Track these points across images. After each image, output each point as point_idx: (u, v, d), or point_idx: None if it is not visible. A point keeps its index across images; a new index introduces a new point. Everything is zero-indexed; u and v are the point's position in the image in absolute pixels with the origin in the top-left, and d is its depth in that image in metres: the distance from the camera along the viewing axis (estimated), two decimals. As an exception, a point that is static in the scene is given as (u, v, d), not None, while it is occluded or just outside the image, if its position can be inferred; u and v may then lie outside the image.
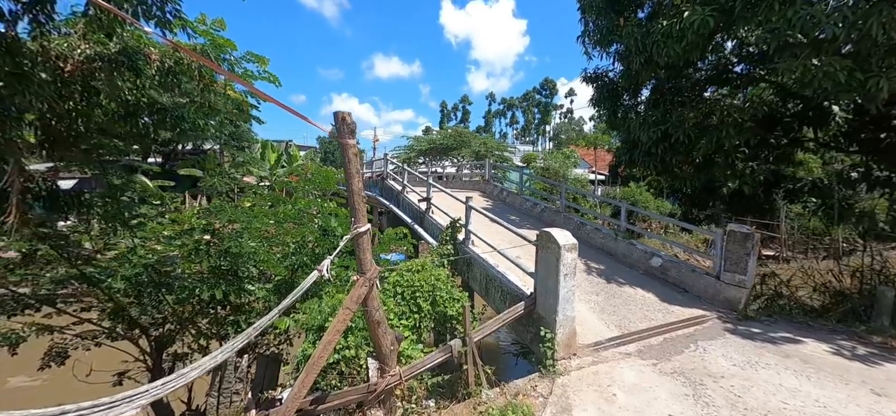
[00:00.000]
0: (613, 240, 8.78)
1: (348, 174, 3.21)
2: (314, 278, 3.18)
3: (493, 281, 5.84)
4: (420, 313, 5.26)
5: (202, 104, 5.06)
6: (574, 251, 4.38)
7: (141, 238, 5.90)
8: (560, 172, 29.65)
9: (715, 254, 6.90)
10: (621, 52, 11.00)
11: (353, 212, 3.27)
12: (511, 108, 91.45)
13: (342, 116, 3.11)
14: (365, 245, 3.34)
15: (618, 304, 6.23)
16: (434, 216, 8.78)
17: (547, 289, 4.52)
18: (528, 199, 12.56)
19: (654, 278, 7.56)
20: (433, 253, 6.88)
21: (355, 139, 3.21)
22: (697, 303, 6.61)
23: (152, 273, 5.88)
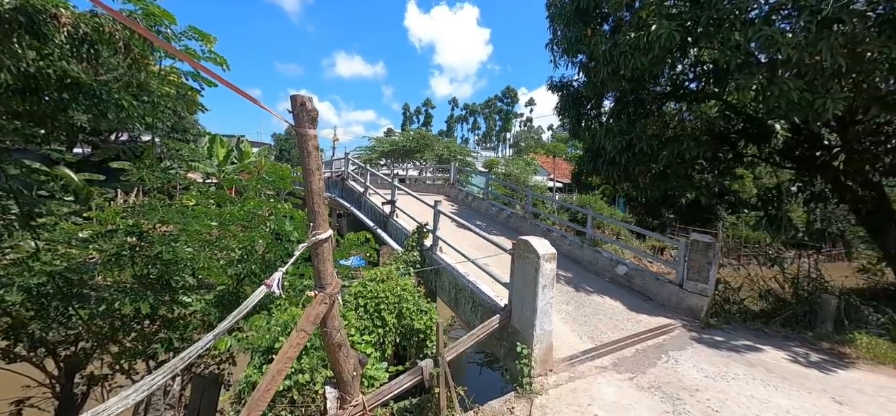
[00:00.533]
0: (579, 247, 8.77)
1: (306, 171, 2.70)
2: (261, 294, 2.63)
3: (464, 291, 5.48)
4: (384, 328, 4.78)
5: (129, 83, 4.25)
6: (553, 261, 4.13)
7: (47, 240, 4.92)
8: (521, 179, 30.16)
9: (678, 263, 7.02)
10: (587, 63, 11.22)
11: (312, 215, 2.77)
12: (473, 114, 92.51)
13: (301, 99, 2.60)
14: (326, 255, 2.83)
15: (588, 313, 6.11)
16: (399, 221, 8.30)
17: (523, 301, 4.22)
18: (494, 204, 12.41)
19: (620, 286, 7.58)
20: (398, 260, 6.40)
21: (316, 130, 2.72)
22: (663, 311, 6.66)
23: (60, 283, 4.91)
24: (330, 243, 2.86)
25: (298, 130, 2.64)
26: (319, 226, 2.77)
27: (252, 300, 2.61)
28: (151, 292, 4.88)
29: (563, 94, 12.13)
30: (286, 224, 4.79)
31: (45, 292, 4.84)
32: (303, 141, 2.66)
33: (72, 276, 4.96)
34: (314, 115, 2.68)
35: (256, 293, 2.64)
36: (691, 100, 10.93)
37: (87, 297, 4.99)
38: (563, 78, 12.39)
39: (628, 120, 9.40)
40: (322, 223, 2.78)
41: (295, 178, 8.00)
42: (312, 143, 2.68)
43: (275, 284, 2.65)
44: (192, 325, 5.45)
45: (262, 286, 2.66)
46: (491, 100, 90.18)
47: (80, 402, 6.16)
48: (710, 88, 10.42)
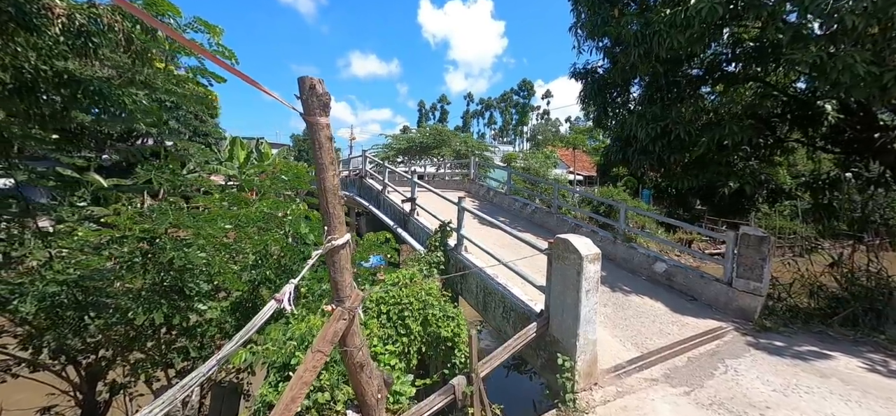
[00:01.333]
0: (612, 243, 8.19)
1: (319, 165, 2.33)
2: (271, 310, 2.28)
3: (493, 295, 5.05)
4: (409, 336, 4.41)
5: (132, 80, 4.00)
6: (598, 263, 3.65)
7: (61, 248, 4.77)
8: (540, 172, 29.40)
9: (726, 260, 6.39)
10: (612, 47, 10.55)
11: (326, 217, 2.39)
12: (489, 108, 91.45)
13: (310, 82, 2.22)
14: (343, 263, 2.46)
15: (629, 316, 5.59)
16: (419, 219, 7.93)
17: (564, 307, 3.77)
18: (517, 199, 11.89)
19: (659, 285, 7.00)
20: (420, 261, 6.02)
21: (328, 117, 2.34)
22: (709, 312, 6.07)
23: (75, 292, 4.75)
24: (348, 249, 2.49)
25: (308, 118, 2.27)
26: (335, 229, 2.40)
27: (261, 318, 2.26)
28: (166, 300, 4.66)
29: (588, 81, 11.50)
30: (302, 226, 4.48)
31: (59, 301, 4.68)
32: (314, 131, 2.28)
33: (87, 284, 4.79)
34: (326, 99, 2.29)
35: (266, 309, 2.29)
36: (728, 83, 10.15)
37: (102, 305, 4.81)
38: (587, 64, 11.77)
39: (663, 105, 8.73)
40: (338, 226, 2.41)
41: (312, 177, 7.74)
42: (324, 132, 2.30)
43: (285, 298, 2.29)
44: (209, 333, 5.22)
45: (271, 301, 2.31)
46: (506, 93, 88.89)
47: (103, 410, 6.07)
48: (751, 69, 9.63)
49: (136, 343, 4.88)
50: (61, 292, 4.64)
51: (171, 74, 5.98)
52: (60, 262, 4.66)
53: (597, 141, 52.71)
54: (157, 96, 4.48)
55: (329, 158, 2.36)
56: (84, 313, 4.78)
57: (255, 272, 4.51)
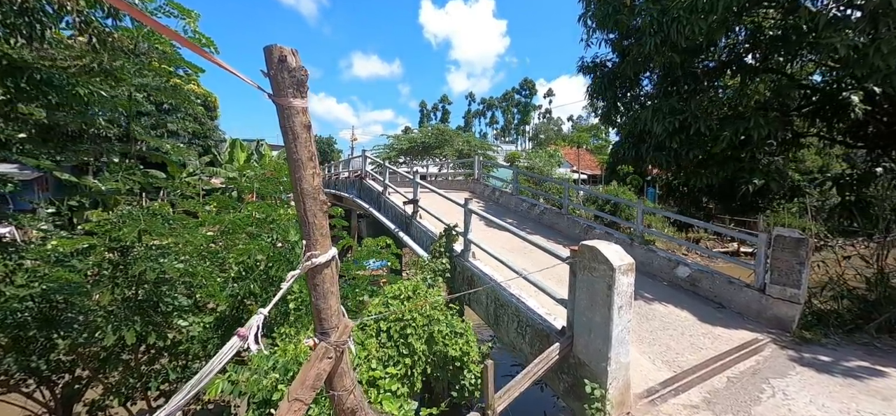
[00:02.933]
0: (628, 245, 7.65)
1: (293, 161, 1.82)
2: (232, 350, 1.78)
3: (506, 308, 4.53)
4: (413, 357, 3.90)
5: (91, 69, 3.50)
6: (631, 275, 3.13)
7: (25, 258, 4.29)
8: (544, 171, 28.84)
9: (757, 264, 5.85)
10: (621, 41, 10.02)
11: (305, 228, 1.88)
12: (491, 108, 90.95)
13: (279, 53, 1.71)
14: (327, 286, 1.95)
15: (655, 328, 5.06)
16: (423, 222, 7.41)
17: (592, 326, 3.24)
18: (524, 199, 11.36)
19: (683, 291, 6.46)
20: (424, 269, 5.51)
21: (305, 98, 1.83)
22: (741, 322, 5.53)
23: (41, 307, 4.27)
24: (333, 269, 1.98)
25: (277, 100, 1.76)
26: (316, 243, 1.89)
27: (220, 359, 1.76)
28: (139, 316, 4.16)
29: (597, 74, 10.97)
30: (291, 232, 3.98)
31: (22, 319, 4.19)
32: (286, 117, 1.77)
33: (53, 299, 4.31)
34: (301, 76, 1.78)
35: (227, 348, 1.79)
36: (746, 74, 9.60)
37: (71, 322, 4.32)
38: (595, 57, 11.24)
39: (680, 98, 8.19)
40: (320, 239, 1.90)
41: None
42: (300, 119, 1.79)
43: (251, 335, 1.79)
44: (192, 352, 4.71)
45: (234, 338, 1.81)
46: (508, 92, 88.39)
47: (80, 433, 5.58)
48: (773, 59, 9.08)
49: (107, 364, 4.39)
50: (23, 308, 4.15)
51: (167, 74, 5.51)
52: (24, 275, 4.17)
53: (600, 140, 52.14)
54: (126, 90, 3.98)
55: (307, 152, 1.85)
56: (51, 331, 4.29)
57: (236, 286, 4.01)
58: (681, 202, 17.64)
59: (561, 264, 3.72)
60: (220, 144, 36.33)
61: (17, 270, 4.29)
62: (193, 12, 3.98)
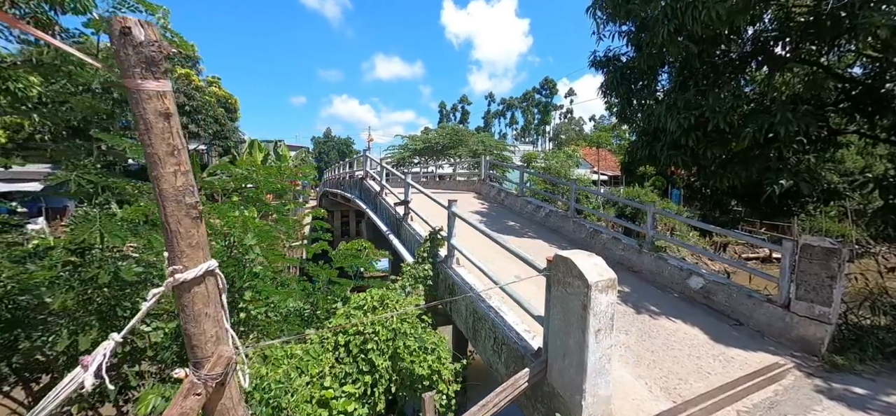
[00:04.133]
0: (637, 252, 7.05)
1: (149, 159, 1.49)
2: (72, 383, 1.47)
3: (483, 321, 4.11)
4: (374, 375, 3.54)
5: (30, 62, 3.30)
6: (612, 292, 2.65)
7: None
8: (561, 172, 27.98)
9: (782, 276, 5.18)
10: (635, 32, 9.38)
11: (168, 238, 1.55)
12: (510, 108, 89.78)
13: (122, 24, 1.38)
14: (200, 306, 1.61)
15: (657, 348, 4.51)
16: (413, 225, 7.05)
17: (566, 350, 2.79)
18: (531, 201, 10.83)
19: (696, 305, 5.83)
20: (405, 275, 5.14)
21: (164, 80, 1.49)
22: (760, 342, 4.90)
23: (8, 307, 4.16)
24: (207, 287, 1.63)
25: (126, 82, 1.43)
26: (181, 255, 1.55)
27: (54, 395, 1.46)
28: (99, 321, 3.98)
29: (609, 70, 10.34)
30: (248, 236, 3.70)
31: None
32: (136, 103, 1.44)
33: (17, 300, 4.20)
34: (155, 54, 1.45)
35: (65, 382, 1.48)
36: (774, 66, 8.77)
37: (34, 324, 4.19)
38: (608, 51, 10.62)
39: (697, 92, 7.51)
40: (187, 251, 1.55)
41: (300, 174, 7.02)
42: (154, 105, 1.45)
43: (93, 365, 1.48)
44: (160, 358, 4.51)
45: (77, 368, 1.50)
46: (528, 92, 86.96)
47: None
48: (805, 48, 8.24)
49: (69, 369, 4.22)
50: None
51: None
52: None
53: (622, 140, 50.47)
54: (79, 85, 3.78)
55: (166, 145, 1.51)
56: (14, 331, 4.18)
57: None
58: (705, 205, 16.62)
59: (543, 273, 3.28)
60: (240, 144, 37.27)
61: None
62: (162, 8, 3.77)
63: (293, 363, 3.42)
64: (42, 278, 3.99)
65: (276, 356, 3.53)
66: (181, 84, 30.74)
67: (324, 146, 64.73)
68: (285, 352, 3.51)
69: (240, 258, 3.66)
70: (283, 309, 4.50)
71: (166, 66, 1.49)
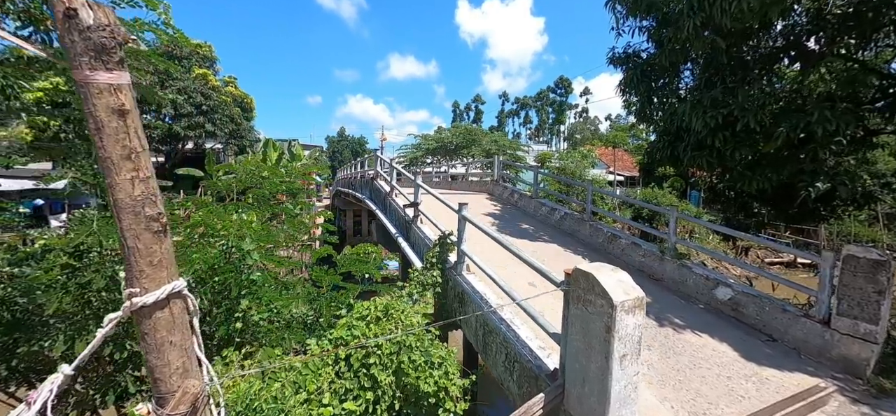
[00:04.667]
0: (658, 259, 6.66)
1: (103, 163, 1.27)
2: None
3: (494, 335, 3.84)
4: (376, 391, 3.31)
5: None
6: (640, 313, 2.36)
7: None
8: (577, 173, 27.40)
9: (821, 289, 4.76)
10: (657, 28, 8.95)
11: (125, 255, 1.34)
12: (524, 107, 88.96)
13: (66, 6, 1.17)
14: (163, 334, 1.40)
15: (683, 366, 4.17)
16: (423, 228, 6.82)
17: (586, 376, 2.51)
18: (545, 203, 10.48)
19: (723, 318, 5.44)
20: (412, 282, 4.91)
21: (120, 71, 1.28)
22: (797, 361, 4.50)
23: (2, 311, 4.09)
24: (173, 312, 1.42)
25: (73, 73, 1.22)
26: (140, 275, 1.33)
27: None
28: (96, 325, 3.86)
29: (629, 66, 9.92)
30: (246, 241, 3.52)
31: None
32: (85, 98, 1.23)
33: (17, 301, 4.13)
34: (103, 39, 1.23)
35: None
36: (807, 61, 8.23)
37: (33, 327, 4.11)
38: (627, 48, 10.19)
39: (725, 89, 7.07)
40: (147, 271, 1.34)
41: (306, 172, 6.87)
42: (106, 102, 1.23)
43: (39, 401, 1.28)
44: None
45: (21, 405, 1.30)
46: (543, 91, 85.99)
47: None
48: (842, 42, 7.69)
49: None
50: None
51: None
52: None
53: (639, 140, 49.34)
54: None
55: (121, 148, 1.30)
56: (13, 335, 4.10)
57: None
58: (728, 208, 15.95)
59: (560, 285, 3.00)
60: (256, 143, 37.72)
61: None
62: (163, 2, 3.63)
63: (291, 376, 3.22)
64: (38, 281, 3.91)
65: (273, 368, 3.34)
66: (198, 84, 31.29)
67: (338, 145, 65.13)
68: (283, 365, 3.31)
69: (237, 264, 3.47)
70: (286, 315, 4.32)
71: (121, 55, 1.28)
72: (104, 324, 1.37)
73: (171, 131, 29.64)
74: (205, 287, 3.51)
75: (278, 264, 4.31)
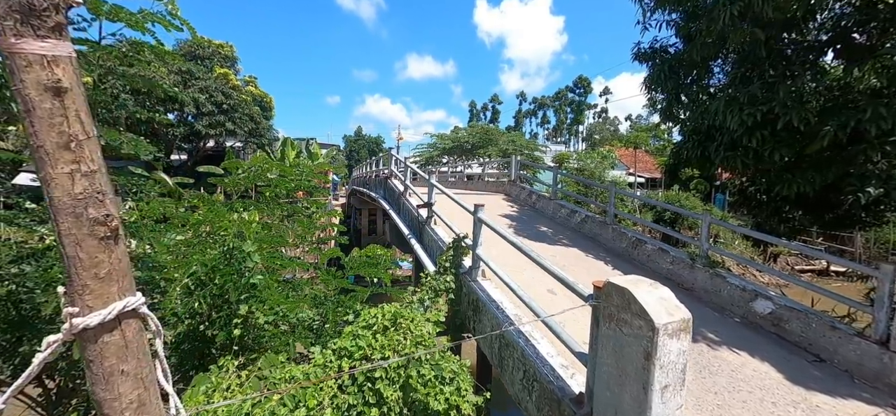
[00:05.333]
0: (689, 267, 6.21)
1: (34, 150, 1.04)
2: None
3: (511, 349, 3.53)
4: (382, 407, 3.05)
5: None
6: (685, 336, 2.02)
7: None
8: (596, 174, 26.67)
9: (878, 305, 4.26)
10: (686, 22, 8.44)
11: (67, 268, 1.10)
12: (542, 107, 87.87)
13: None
14: (114, 362, 1.16)
15: (720, 387, 3.77)
16: (436, 230, 6.54)
17: (618, 406, 2.18)
18: (564, 204, 10.06)
19: (762, 333, 4.98)
20: (423, 286, 4.64)
21: (60, 39, 1.03)
22: (849, 386, 4.04)
23: (7, 309, 4.01)
24: (129, 333, 1.17)
25: (0, 44, 0.98)
26: (83, 291, 1.09)
27: None
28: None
29: (656, 62, 9.43)
30: (247, 242, 3.33)
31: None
32: (11, 73, 1.00)
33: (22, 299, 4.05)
34: (43, 6, 1.00)
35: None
36: (853, 55, 7.59)
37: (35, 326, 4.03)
38: (654, 43, 9.71)
39: (764, 85, 6.55)
40: (91, 285, 1.10)
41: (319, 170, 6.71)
42: (36, 76, 1.00)
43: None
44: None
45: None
46: (561, 91, 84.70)
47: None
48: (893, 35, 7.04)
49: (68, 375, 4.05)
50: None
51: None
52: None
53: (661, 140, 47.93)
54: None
55: (57, 135, 1.06)
56: (14, 334, 4.03)
57: (180, 303, 3.42)
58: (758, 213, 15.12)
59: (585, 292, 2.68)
60: (274, 142, 38.28)
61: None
62: None
63: (291, 388, 2.99)
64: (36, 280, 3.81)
65: (274, 378, 3.13)
66: (220, 83, 31.90)
67: (354, 144, 65.63)
68: (283, 375, 3.09)
69: (237, 267, 3.27)
70: (292, 318, 4.12)
71: (59, 20, 1.04)
72: (42, 348, 1.14)
73: (194, 130, 30.31)
74: (204, 290, 3.33)
75: (283, 265, 4.11)
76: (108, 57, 3.86)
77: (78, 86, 1.09)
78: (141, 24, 3.73)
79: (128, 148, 3.45)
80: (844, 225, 13.15)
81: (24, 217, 4.50)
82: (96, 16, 3.50)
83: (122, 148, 3.43)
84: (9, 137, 15.44)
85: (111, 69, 3.78)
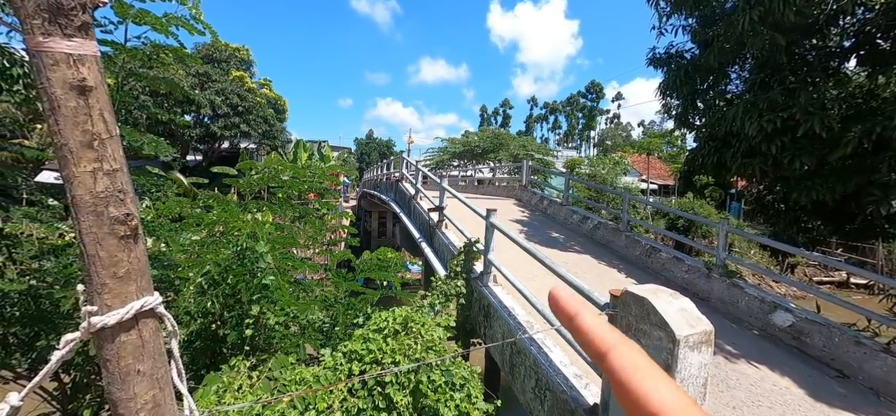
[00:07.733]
0: (705, 276, 6.07)
1: (58, 148, 1.04)
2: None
3: (523, 356, 3.48)
4: (391, 412, 3.02)
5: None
6: (707, 348, 1.97)
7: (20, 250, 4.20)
8: (607, 180, 26.36)
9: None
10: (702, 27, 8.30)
11: (86, 266, 1.10)
12: (553, 112, 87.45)
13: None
14: (130, 362, 1.15)
15: (739, 402, 3.65)
16: (447, 234, 6.51)
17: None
18: (576, 210, 9.95)
19: (782, 347, 4.83)
20: (434, 291, 4.61)
21: (86, 39, 1.04)
22: (876, 404, 3.88)
23: (27, 303, 4.11)
24: (146, 333, 1.17)
25: (27, 40, 0.99)
26: (102, 290, 1.09)
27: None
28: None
29: (671, 68, 9.31)
30: (260, 243, 3.34)
31: (9, 315, 4.05)
32: (37, 71, 1.01)
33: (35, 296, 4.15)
34: (69, 3, 1.01)
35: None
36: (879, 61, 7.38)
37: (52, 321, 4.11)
38: (670, 48, 9.58)
39: (784, 91, 6.39)
40: (110, 284, 1.10)
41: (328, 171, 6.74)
42: (62, 75, 1.01)
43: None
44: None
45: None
46: (573, 96, 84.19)
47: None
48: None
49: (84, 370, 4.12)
50: (10, 303, 4.00)
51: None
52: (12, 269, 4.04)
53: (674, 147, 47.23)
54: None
55: (82, 133, 1.06)
56: (34, 329, 4.11)
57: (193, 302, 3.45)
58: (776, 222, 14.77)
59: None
60: (287, 144, 38.79)
61: (7, 263, 4.20)
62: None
63: (301, 390, 2.98)
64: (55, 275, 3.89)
65: (284, 379, 3.13)
66: (235, 86, 32.48)
67: (366, 147, 66.06)
68: (293, 377, 3.09)
69: (249, 267, 3.29)
70: (302, 319, 4.13)
71: (85, 19, 1.04)
72: (61, 345, 1.14)
73: (209, 131, 30.87)
74: (217, 290, 3.35)
75: (294, 266, 4.13)
76: (132, 59, 3.94)
77: (102, 85, 1.09)
78: (165, 27, 3.80)
79: (148, 148, 3.51)
80: (865, 236, 12.82)
81: (45, 214, 4.62)
82: (123, 19, 3.58)
83: (143, 148, 3.49)
84: (33, 135, 15.92)
85: (133, 71, 3.87)
